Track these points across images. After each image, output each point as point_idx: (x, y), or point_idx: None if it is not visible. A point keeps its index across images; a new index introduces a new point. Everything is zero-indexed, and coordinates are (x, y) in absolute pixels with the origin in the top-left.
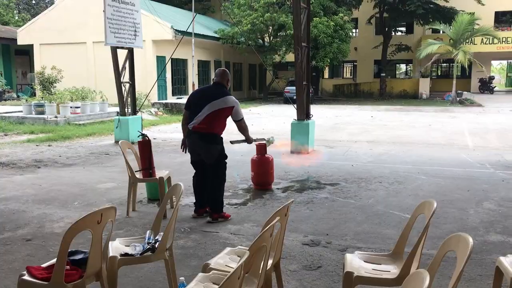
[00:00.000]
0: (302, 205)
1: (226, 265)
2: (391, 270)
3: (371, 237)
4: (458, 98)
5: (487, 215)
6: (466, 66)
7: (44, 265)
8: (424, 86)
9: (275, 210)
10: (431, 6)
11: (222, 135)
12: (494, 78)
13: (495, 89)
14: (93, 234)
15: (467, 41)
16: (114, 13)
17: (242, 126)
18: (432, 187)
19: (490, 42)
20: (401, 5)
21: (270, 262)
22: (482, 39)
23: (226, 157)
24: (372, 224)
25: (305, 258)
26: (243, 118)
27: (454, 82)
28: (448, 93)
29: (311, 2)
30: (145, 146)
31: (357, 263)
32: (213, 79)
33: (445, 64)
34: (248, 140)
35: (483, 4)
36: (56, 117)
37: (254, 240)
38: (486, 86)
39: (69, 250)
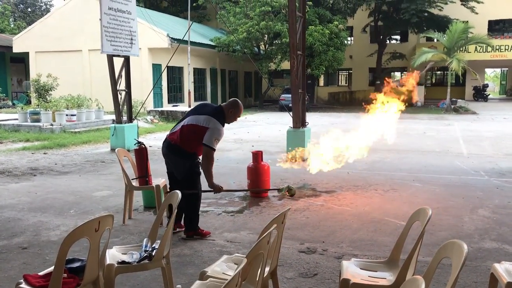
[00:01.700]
0: (298, 213)
1: (223, 273)
2: (387, 277)
3: (367, 244)
4: (452, 106)
5: (482, 222)
6: (460, 74)
7: (41, 273)
8: (419, 94)
9: (272, 217)
10: (425, 14)
11: (195, 153)
12: (488, 86)
13: (489, 97)
14: (91, 242)
15: (461, 49)
16: (110, 22)
17: (205, 155)
18: (427, 194)
19: (484, 50)
20: (395, 14)
21: (267, 269)
22: (476, 47)
23: (197, 173)
24: (368, 231)
25: (301, 265)
26: (211, 148)
27: (448, 90)
28: (442, 100)
29: (306, 10)
30: (141, 153)
31: (353, 270)
32: None
33: (439, 72)
34: (212, 186)
35: (476, 13)
36: (51, 125)
37: (250, 247)
38: (480, 94)
39: (66, 258)
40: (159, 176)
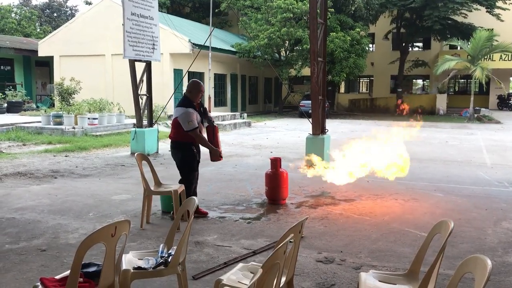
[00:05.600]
0: (316, 221)
1: (238, 282)
2: None
3: (386, 255)
4: (475, 115)
5: (506, 235)
6: (484, 83)
7: (57, 277)
8: (441, 102)
9: (289, 225)
10: (449, 22)
11: (186, 142)
12: None
13: None
14: (107, 247)
15: (486, 57)
16: (133, 27)
17: (193, 137)
18: (449, 205)
19: (509, 58)
20: (418, 21)
21: (283, 279)
22: (501, 55)
23: (187, 164)
24: (387, 242)
25: (318, 275)
26: (191, 129)
27: (471, 98)
28: (465, 109)
29: (328, 17)
30: (211, 131)
31: (371, 282)
32: None
33: (462, 80)
34: (210, 149)
35: (502, 20)
36: (73, 128)
37: (267, 255)
38: (504, 103)
39: (82, 262)
40: (170, 181)
